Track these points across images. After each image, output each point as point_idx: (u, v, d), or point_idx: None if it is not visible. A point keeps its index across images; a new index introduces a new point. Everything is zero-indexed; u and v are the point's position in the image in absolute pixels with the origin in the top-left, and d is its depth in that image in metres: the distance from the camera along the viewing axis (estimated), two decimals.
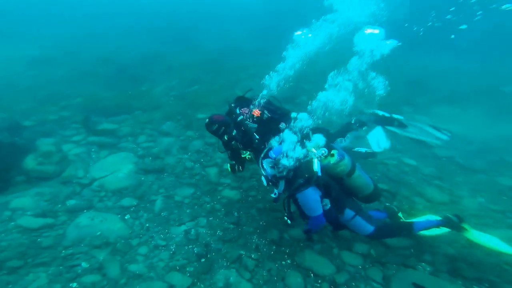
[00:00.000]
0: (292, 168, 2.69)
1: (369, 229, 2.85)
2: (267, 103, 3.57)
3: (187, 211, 3.83)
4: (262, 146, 3.25)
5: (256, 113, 3.37)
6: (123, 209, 3.80)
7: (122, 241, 3.28)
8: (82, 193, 4.06)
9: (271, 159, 2.72)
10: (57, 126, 5.89)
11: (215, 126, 3.28)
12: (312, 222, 2.71)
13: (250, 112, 3.40)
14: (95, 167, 4.64)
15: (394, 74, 3.99)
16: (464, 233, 2.95)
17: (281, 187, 2.81)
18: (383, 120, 3.85)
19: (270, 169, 2.75)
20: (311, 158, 2.73)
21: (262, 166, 2.84)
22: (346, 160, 2.82)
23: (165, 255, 3.15)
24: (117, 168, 4.58)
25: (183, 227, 3.56)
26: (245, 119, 3.39)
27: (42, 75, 9.38)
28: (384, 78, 3.26)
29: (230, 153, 3.63)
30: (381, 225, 2.98)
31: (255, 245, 3.30)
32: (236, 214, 3.78)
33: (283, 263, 3.09)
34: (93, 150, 5.14)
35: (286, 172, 2.70)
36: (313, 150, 2.77)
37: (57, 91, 7.86)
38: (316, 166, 2.68)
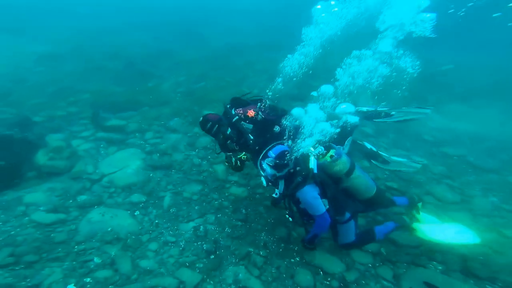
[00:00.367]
0: (291, 167, 2.72)
1: (352, 238, 2.86)
2: (263, 105, 3.57)
3: (196, 208, 3.86)
4: (257, 147, 3.27)
5: (251, 114, 3.38)
6: (133, 205, 3.84)
7: (133, 237, 3.32)
8: (92, 189, 4.11)
9: (271, 158, 2.74)
10: (66, 122, 5.95)
11: (209, 124, 3.33)
12: (318, 223, 2.68)
13: (245, 113, 3.39)
14: (104, 163, 4.69)
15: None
16: (416, 213, 3.25)
17: (281, 187, 2.82)
18: (370, 115, 3.78)
19: (270, 169, 2.76)
20: (308, 156, 2.76)
21: (262, 167, 2.84)
22: (344, 159, 2.80)
23: (175, 251, 3.18)
24: (126, 164, 4.62)
25: (192, 224, 3.58)
26: (241, 120, 3.39)
27: (51, 71, 9.46)
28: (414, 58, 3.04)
29: (227, 154, 3.64)
30: (359, 233, 2.97)
31: (264, 243, 3.31)
32: (244, 211, 3.79)
33: (292, 261, 3.09)
34: (102, 146, 5.18)
35: (286, 172, 2.72)
36: (311, 149, 2.79)
37: (66, 87, 7.92)
38: (312, 163, 2.70)
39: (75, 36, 13.52)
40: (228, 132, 3.37)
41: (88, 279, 2.74)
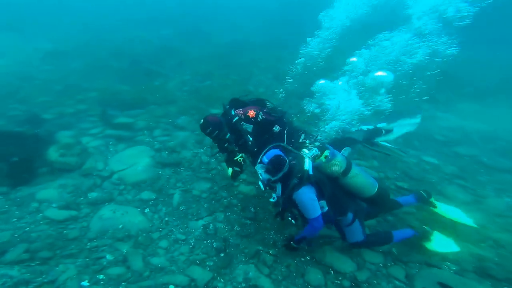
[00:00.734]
0: (287, 171, 2.73)
1: (360, 237, 2.85)
2: (262, 105, 3.58)
3: (205, 206, 3.87)
4: (256, 149, 3.25)
5: (251, 114, 3.36)
6: (143, 203, 3.87)
7: (144, 235, 3.34)
8: (103, 186, 4.14)
9: (263, 164, 2.74)
10: (75, 119, 6.00)
11: (209, 129, 3.31)
12: (310, 226, 2.67)
13: (246, 113, 3.38)
14: (114, 160, 4.72)
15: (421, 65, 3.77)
16: (432, 208, 3.31)
17: (279, 191, 2.82)
18: (371, 133, 3.83)
19: (265, 174, 2.76)
20: (303, 158, 2.77)
21: (258, 171, 2.84)
22: (339, 159, 2.81)
23: (185, 249, 3.19)
24: (135, 162, 4.64)
25: (201, 222, 3.59)
26: (241, 120, 3.38)
27: (57, 69, 9.55)
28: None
29: (226, 156, 3.64)
30: (369, 234, 2.96)
31: (273, 241, 3.31)
32: (253, 210, 3.78)
33: (302, 260, 3.09)
34: (111, 143, 5.21)
35: (280, 176, 2.72)
36: (305, 151, 2.82)
37: (73, 85, 7.99)
38: (307, 165, 2.71)
39: (79, 34, 13.59)
40: (227, 137, 3.40)
41: (101, 276, 2.77)
